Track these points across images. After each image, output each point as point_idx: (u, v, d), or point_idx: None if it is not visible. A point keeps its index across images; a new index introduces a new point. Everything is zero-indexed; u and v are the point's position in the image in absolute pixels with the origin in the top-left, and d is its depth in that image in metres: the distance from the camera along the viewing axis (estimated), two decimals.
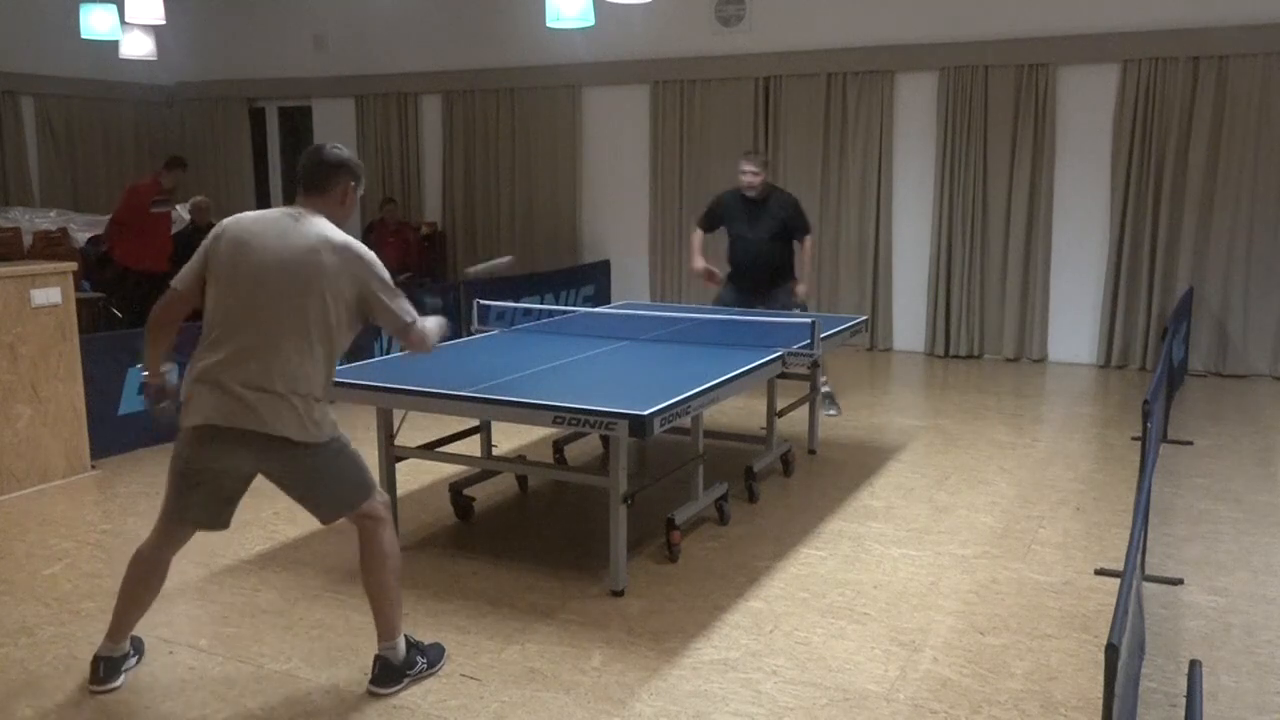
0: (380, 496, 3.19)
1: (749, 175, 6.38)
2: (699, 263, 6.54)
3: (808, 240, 6.60)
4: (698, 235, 6.65)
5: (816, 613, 3.72)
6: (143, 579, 3.16)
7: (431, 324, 3.24)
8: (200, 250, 3.06)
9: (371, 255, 3.05)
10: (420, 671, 3.22)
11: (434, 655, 3.30)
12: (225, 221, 3.08)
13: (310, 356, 2.95)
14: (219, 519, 3.14)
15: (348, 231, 3.10)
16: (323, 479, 3.06)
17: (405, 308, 3.10)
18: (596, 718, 3.02)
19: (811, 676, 3.25)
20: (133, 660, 3.30)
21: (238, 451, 2.96)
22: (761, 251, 6.44)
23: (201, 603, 3.84)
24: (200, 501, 3.07)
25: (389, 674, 3.16)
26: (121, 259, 8.36)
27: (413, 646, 3.23)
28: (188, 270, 3.06)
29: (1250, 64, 7.57)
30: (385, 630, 3.16)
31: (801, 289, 6.57)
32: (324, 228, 3.01)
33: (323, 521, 3.18)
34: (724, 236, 6.60)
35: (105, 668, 3.18)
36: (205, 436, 2.96)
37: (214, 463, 3.00)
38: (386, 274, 3.07)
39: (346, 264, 2.97)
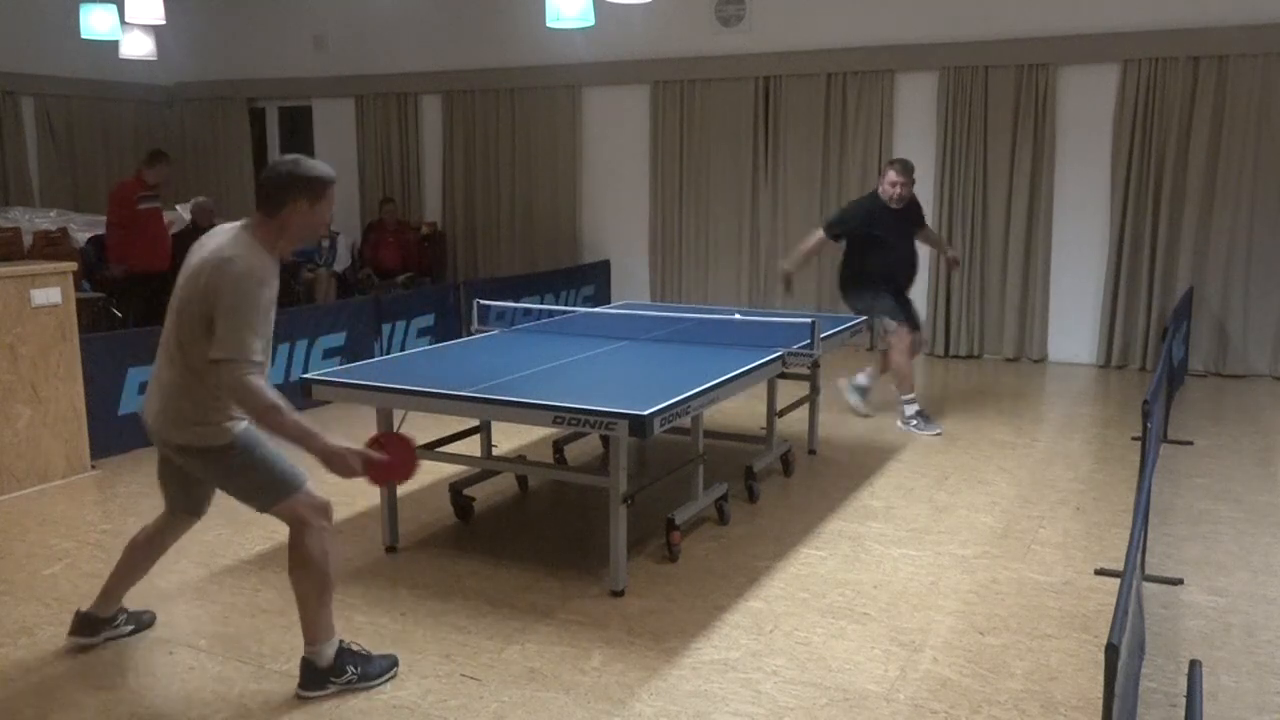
0: (308, 498, 3.11)
1: (901, 188, 6.24)
2: (791, 264, 6.36)
3: (926, 224, 6.80)
4: (818, 240, 6.36)
5: (816, 613, 3.72)
6: (138, 553, 3.42)
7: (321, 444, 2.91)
8: None
9: (242, 278, 2.81)
10: (350, 682, 3.14)
11: (376, 668, 3.20)
12: None
13: (176, 367, 3.01)
14: (190, 502, 3.35)
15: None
16: (229, 480, 3.13)
17: (240, 342, 2.78)
18: (596, 718, 3.02)
19: (811, 676, 3.26)
20: (126, 629, 3.48)
21: (163, 447, 3.18)
22: (909, 254, 6.47)
23: (201, 603, 3.84)
24: (168, 485, 3.33)
25: (312, 677, 3.13)
26: (118, 261, 8.28)
27: (347, 653, 3.17)
28: None
29: (1250, 64, 7.57)
30: (306, 633, 3.14)
31: (954, 254, 7.01)
32: (225, 239, 2.96)
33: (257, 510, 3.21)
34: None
35: (83, 622, 3.42)
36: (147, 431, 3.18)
37: (163, 454, 3.23)
38: (249, 303, 2.81)
39: (213, 275, 2.85)
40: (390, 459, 3.04)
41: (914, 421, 6.28)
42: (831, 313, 6.69)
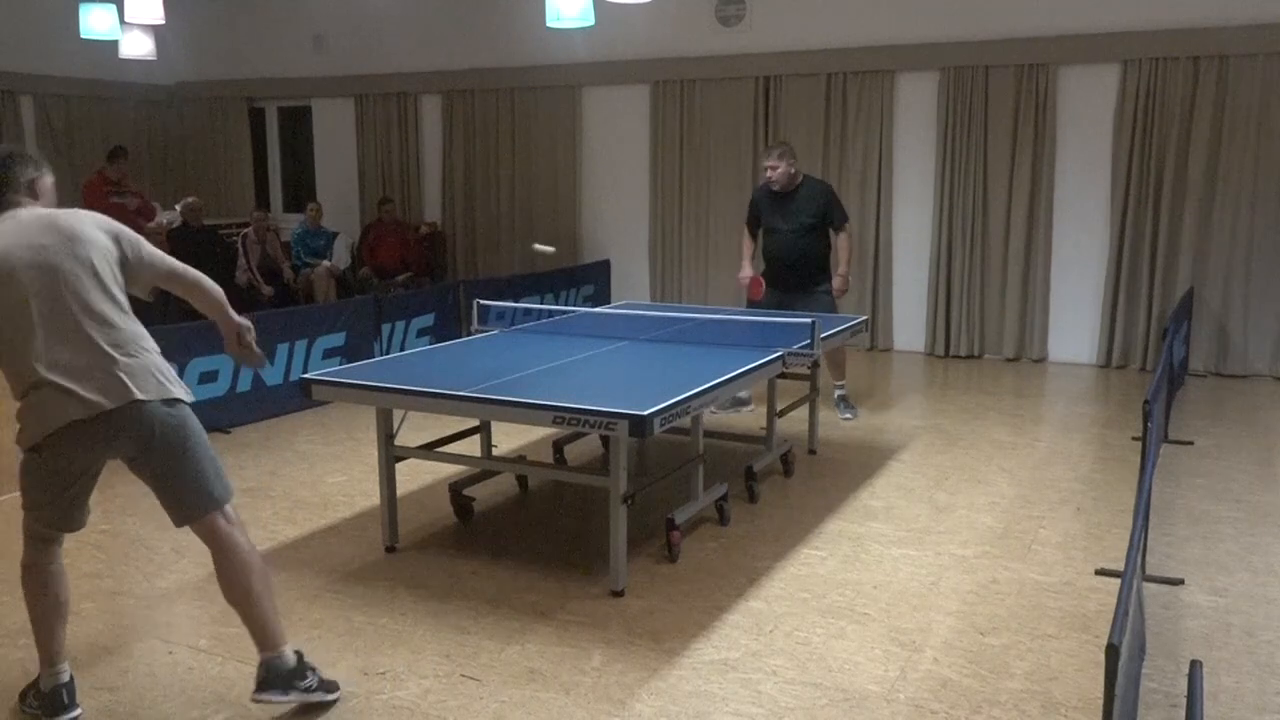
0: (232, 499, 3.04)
1: (770, 170, 6.32)
2: (746, 270, 6.42)
3: (844, 231, 6.41)
4: (747, 241, 6.54)
5: (816, 613, 3.72)
6: (43, 592, 3.05)
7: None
8: None
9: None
10: (310, 688, 3.01)
11: (330, 683, 3.10)
12: None
13: (129, 314, 2.91)
14: (83, 515, 3.15)
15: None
16: (185, 450, 2.92)
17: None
18: (596, 718, 3.02)
19: (811, 676, 3.25)
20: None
21: (108, 439, 2.90)
22: (793, 244, 6.28)
23: (201, 603, 3.84)
24: (82, 497, 3.11)
25: (277, 678, 2.97)
26: None
27: (302, 659, 3.04)
28: None
29: (1251, 64, 7.57)
30: (267, 640, 3.00)
31: (837, 281, 6.38)
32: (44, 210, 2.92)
33: (177, 522, 3.01)
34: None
35: (62, 695, 2.99)
36: (71, 436, 2.85)
37: (80, 461, 2.97)
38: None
39: (100, 227, 2.93)
40: None
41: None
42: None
